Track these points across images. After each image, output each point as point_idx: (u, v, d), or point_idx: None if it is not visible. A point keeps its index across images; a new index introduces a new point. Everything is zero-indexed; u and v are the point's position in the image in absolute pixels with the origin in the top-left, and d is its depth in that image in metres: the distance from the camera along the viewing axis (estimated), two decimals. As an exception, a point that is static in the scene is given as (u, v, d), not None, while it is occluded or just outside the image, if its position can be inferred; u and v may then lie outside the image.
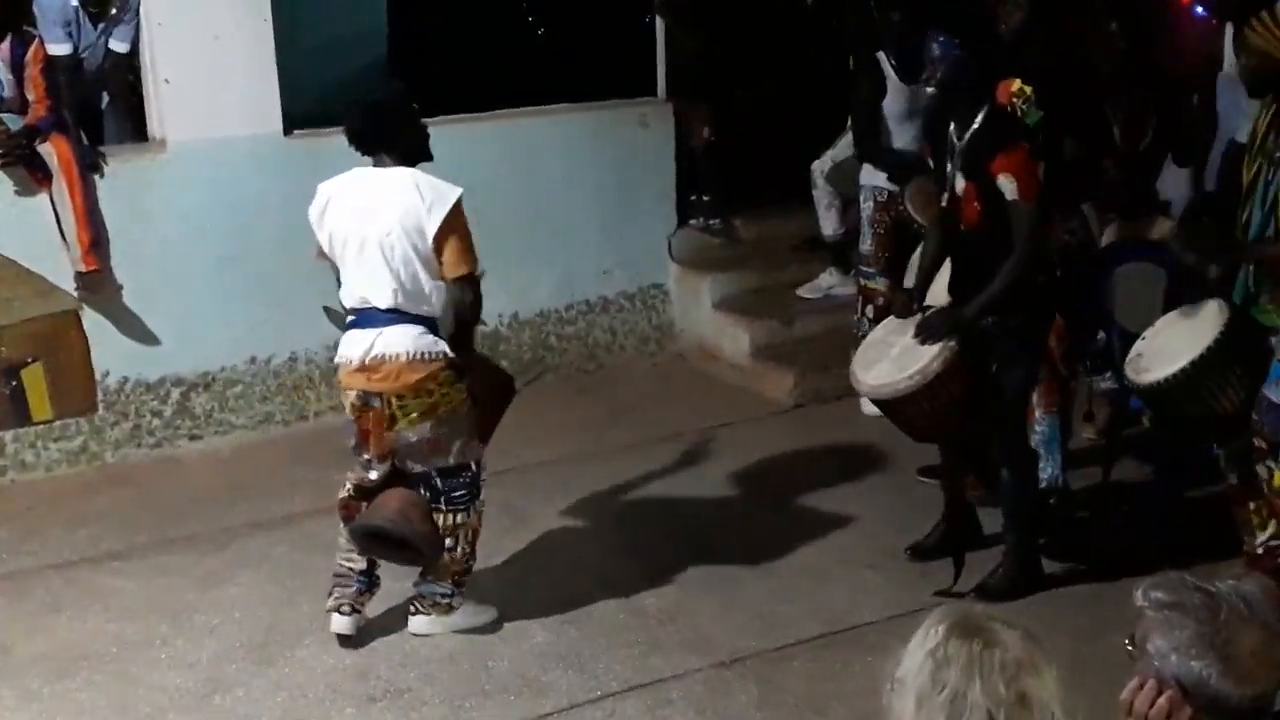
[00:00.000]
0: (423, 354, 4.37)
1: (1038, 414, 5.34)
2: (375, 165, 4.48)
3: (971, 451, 5.03)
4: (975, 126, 4.57)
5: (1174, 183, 5.72)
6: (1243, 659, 2.03)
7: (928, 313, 4.71)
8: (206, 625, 4.77)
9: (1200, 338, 4.24)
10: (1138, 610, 2.12)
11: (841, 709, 4.16)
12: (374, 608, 4.73)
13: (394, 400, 4.37)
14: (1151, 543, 4.86)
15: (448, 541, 4.56)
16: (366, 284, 4.38)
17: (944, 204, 4.76)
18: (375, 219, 4.36)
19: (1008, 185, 4.49)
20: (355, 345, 4.40)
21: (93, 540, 5.39)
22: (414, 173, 4.44)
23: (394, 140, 4.46)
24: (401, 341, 4.35)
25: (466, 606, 4.70)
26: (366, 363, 4.37)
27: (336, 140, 6.50)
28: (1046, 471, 5.38)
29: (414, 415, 4.38)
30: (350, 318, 4.46)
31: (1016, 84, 4.68)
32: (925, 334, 4.61)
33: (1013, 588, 4.80)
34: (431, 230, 4.35)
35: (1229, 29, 5.82)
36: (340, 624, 4.61)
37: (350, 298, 4.45)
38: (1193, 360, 4.21)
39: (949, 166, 4.70)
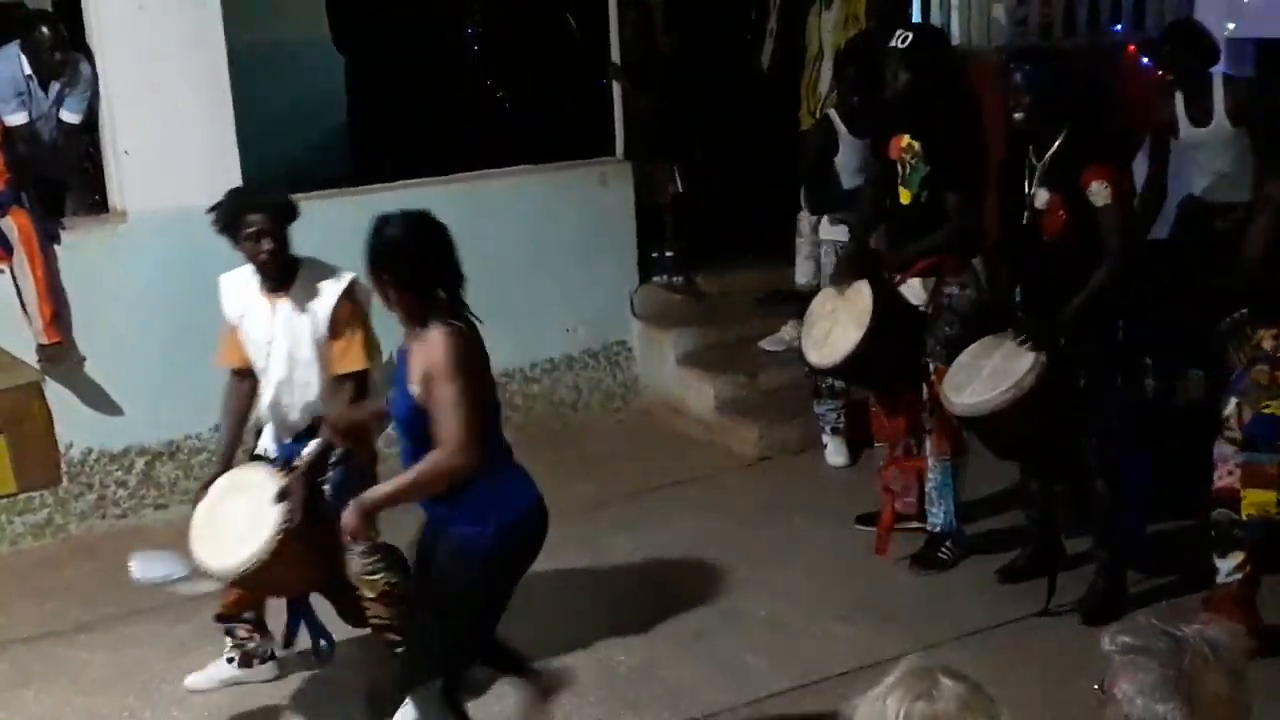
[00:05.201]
0: None
1: (930, 461, 5.44)
2: None
3: (1061, 468, 5.11)
4: (1059, 143, 4.79)
5: None
6: (1207, 703, 2.06)
7: (1020, 321, 4.86)
8: (174, 695, 4.74)
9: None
10: (1105, 654, 2.15)
11: (815, 762, 4.18)
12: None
13: None
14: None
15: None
16: None
17: (1024, 220, 4.93)
18: None
19: (1101, 192, 4.71)
20: None
21: (59, 613, 5.35)
22: None
23: None
24: None
25: None
26: None
27: (299, 207, 6.60)
28: (939, 517, 5.46)
29: None
30: None
31: (905, 139, 5.12)
32: (1030, 337, 4.75)
33: (1113, 604, 4.87)
34: None
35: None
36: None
37: None
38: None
39: (1026, 185, 4.89)
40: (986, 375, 4.82)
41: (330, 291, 4.46)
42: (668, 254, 7.67)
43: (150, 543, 4.43)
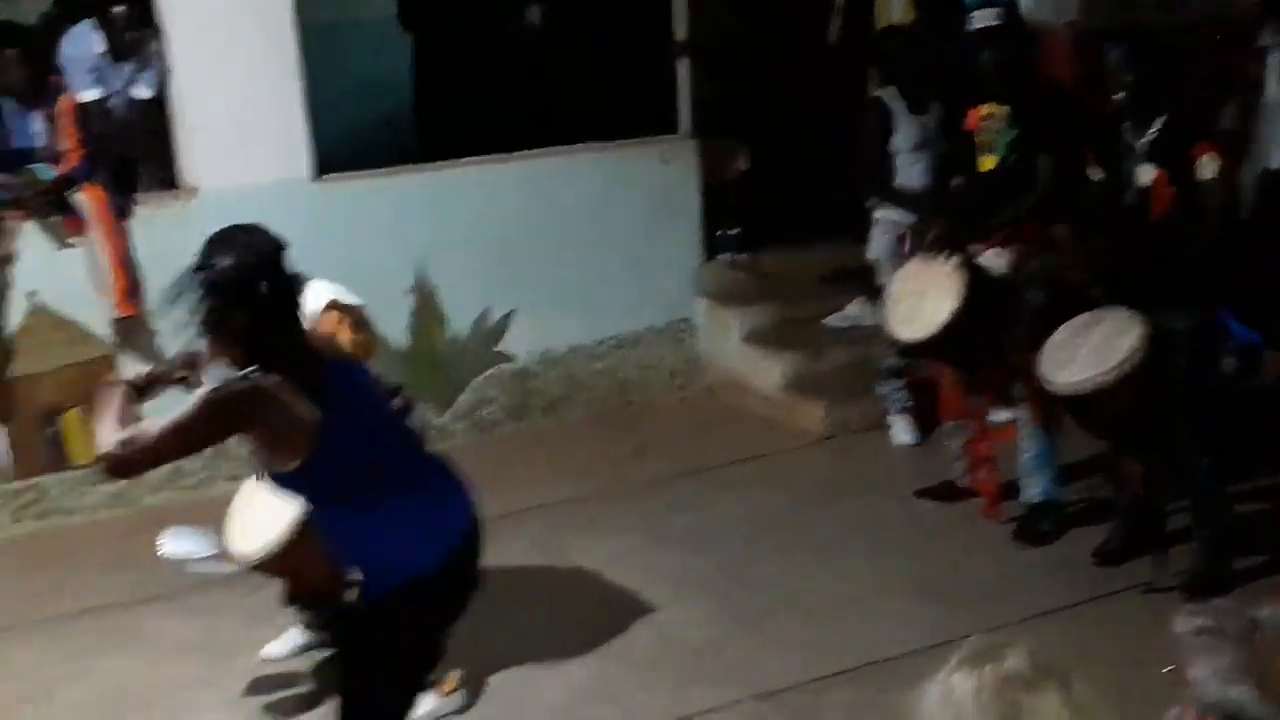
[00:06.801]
0: None
1: (1024, 431, 5.39)
2: None
3: (1162, 450, 5.09)
4: (1163, 122, 4.83)
5: None
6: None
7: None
8: (247, 665, 4.79)
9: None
10: (1178, 637, 2.13)
11: (879, 741, 4.18)
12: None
13: None
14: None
15: None
16: None
17: (1124, 199, 4.96)
18: None
19: (1210, 165, 4.77)
20: None
21: (133, 582, 5.43)
22: None
23: None
24: None
25: None
26: None
27: (364, 184, 6.66)
28: (1037, 488, 5.42)
29: None
30: None
31: (985, 109, 5.08)
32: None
33: (1218, 577, 4.85)
34: None
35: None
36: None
37: None
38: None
39: (1126, 166, 4.91)
40: (1087, 353, 4.78)
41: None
42: (732, 231, 7.65)
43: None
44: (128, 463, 3.21)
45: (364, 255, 6.27)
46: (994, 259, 5.32)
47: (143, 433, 3.20)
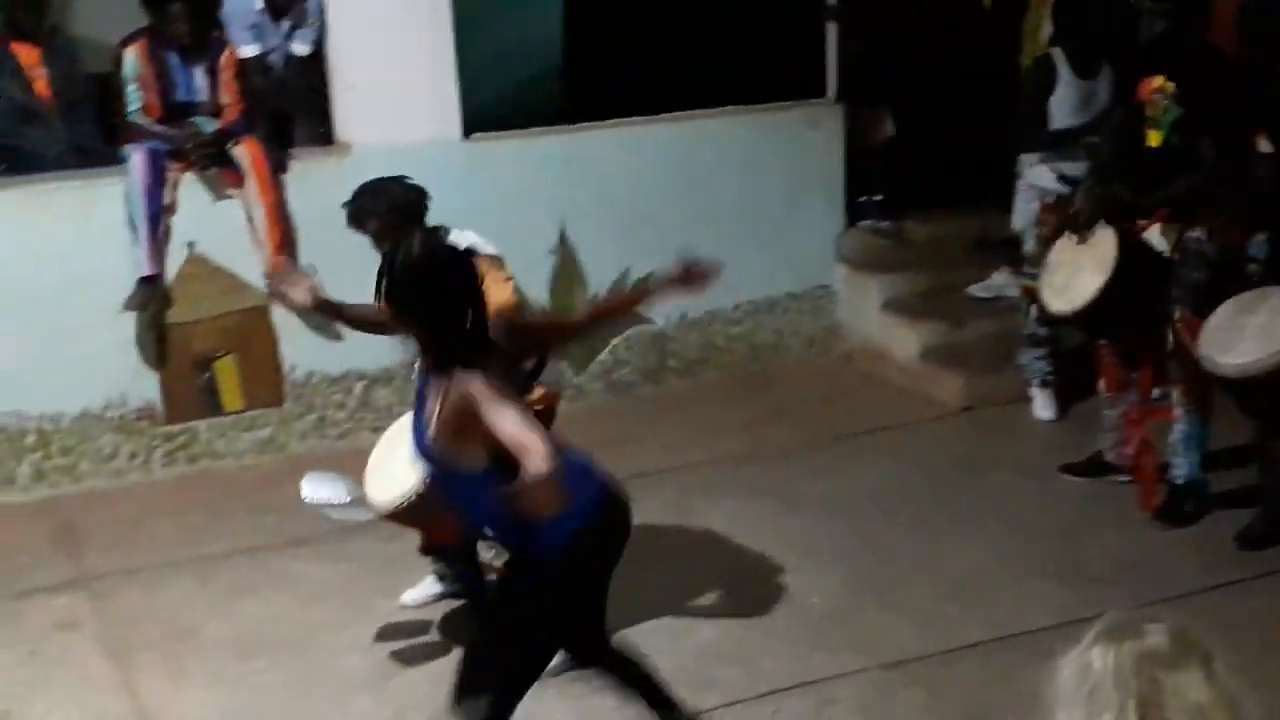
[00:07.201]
0: None
1: (1177, 411, 5.27)
2: None
3: None
4: None
5: None
6: None
7: None
8: (386, 609, 4.92)
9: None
10: None
11: (1008, 715, 4.12)
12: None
13: None
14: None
15: None
16: None
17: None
18: None
19: None
20: None
21: (279, 527, 5.60)
22: None
23: None
24: None
25: None
26: None
27: (512, 143, 6.74)
28: (1183, 469, 5.31)
29: None
30: None
31: (1159, 80, 4.75)
32: None
33: None
34: None
35: None
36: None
37: None
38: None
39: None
40: (1253, 333, 4.68)
41: None
42: (876, 198, 7.58)
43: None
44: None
45: (509, 214, 6.35)
46: (1156, 235, 5.21)
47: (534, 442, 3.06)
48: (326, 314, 4.37)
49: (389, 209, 4.56)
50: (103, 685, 4.57)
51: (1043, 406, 6.45)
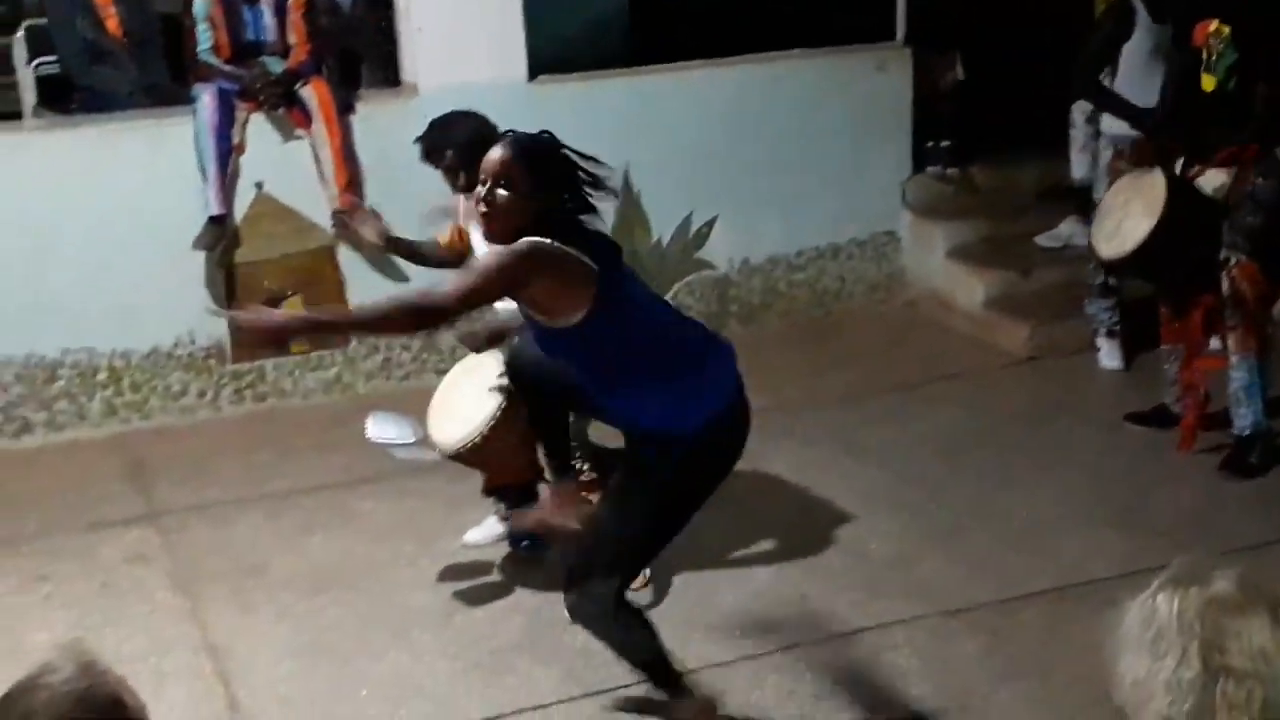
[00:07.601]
0: None
1: (1234, 359, 5.20)
2: None
3: None
4: None
5: None
6: None
7: None
8: (449, 548, 4.96)
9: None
10: None
11: (1071, 663, 4.13)
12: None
13: None
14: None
15: None
16: None
17: None
18: None
19: None
20: None
21: (345, 465, 5.66)
22: None
23: None
24: None
25: None
26: None
27: (576, 86, 6.72)
28: (1247, 419, 5.24)
29: None
30: None
31: (1214, 24, 4.74)
32: None
33: None
34: None
35: None
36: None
37: None
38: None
39: None
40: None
41: None
42: (944, 144, 7.50)
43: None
44: (428, 312, 3.31)
45: (573, 157, 6.34)
46: (1212, 179, 5.13)
47: (436, 288, 3.36)
48: (398, 251, 4.43)
49: (465, 142, 4.58)
50: (172, 617, 4.67)
51: (1109, 356, 6.39)
